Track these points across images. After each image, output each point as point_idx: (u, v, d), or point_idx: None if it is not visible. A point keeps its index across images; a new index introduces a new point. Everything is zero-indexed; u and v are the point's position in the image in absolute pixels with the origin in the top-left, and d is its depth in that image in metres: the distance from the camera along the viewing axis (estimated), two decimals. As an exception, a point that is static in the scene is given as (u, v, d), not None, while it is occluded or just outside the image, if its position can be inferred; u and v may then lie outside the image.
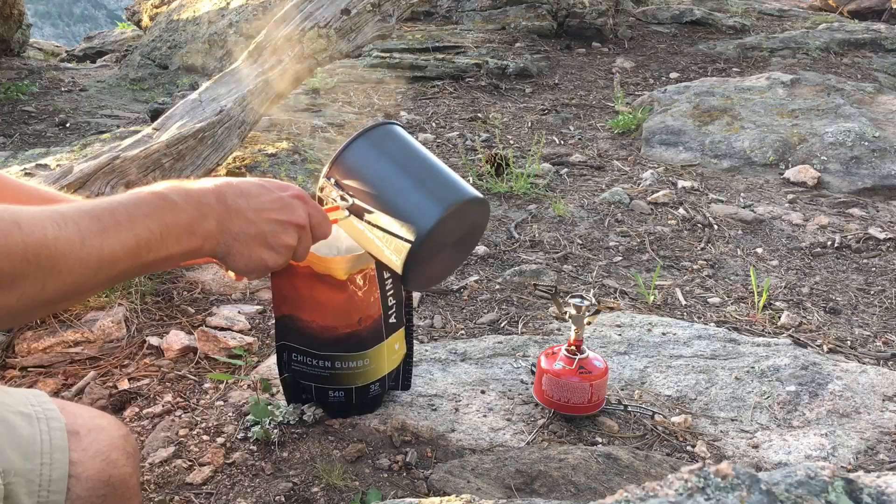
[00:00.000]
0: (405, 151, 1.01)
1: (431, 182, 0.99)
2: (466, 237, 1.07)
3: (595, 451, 1.39)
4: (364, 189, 0.98)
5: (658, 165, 3.35)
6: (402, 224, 0.96)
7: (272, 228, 0.82)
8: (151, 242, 0.69)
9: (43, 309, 0.62)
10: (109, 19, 77.00)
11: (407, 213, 0.96)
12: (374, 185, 0.98)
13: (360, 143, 1.00)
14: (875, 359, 1.91)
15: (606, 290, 2.23)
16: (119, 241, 0.65)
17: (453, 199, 0.97)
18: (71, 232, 0.61)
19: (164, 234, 0.70)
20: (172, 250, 0.72)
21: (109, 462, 0.82)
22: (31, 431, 0.76)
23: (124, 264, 0.66)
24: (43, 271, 0.58)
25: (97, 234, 0.63)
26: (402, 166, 0.99)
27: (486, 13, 5.91)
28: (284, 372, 1.44)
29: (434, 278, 1.11)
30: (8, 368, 1.71)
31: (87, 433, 0.82)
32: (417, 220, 0.95)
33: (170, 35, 6.24)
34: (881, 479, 0.59)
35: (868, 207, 2.94)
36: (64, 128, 4.46)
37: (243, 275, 0.84)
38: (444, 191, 0.98)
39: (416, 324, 1.98)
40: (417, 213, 0.96)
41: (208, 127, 2.37)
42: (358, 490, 1.29)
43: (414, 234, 0.95)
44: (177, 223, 0.71)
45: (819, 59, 4.98)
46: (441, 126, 3.85)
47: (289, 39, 2.72)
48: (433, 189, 0.98)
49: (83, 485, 0.79)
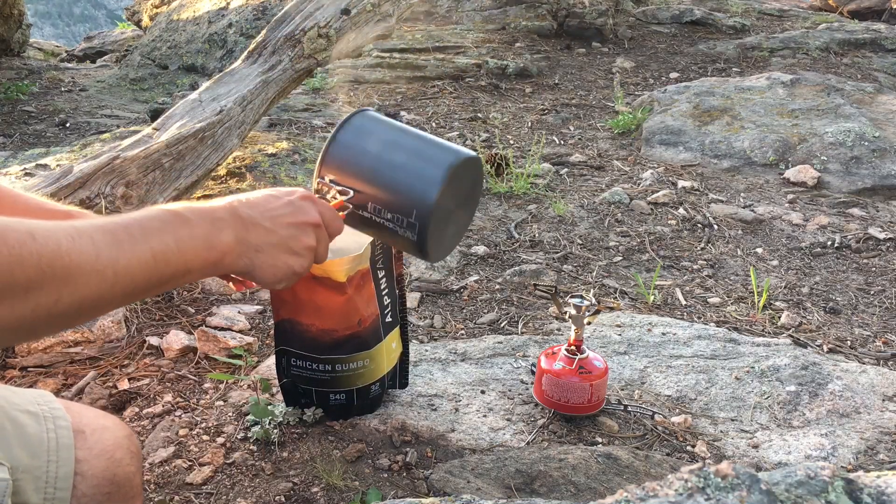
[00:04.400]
0: (388, 131, 1.01)
1: (424, 151, 0.98)
2: (469, 195, 1.06)
3: (595, 451, 1.39)
4: (360, 177, 0.97)
5: (658, 165, 3.35)
6: (408, 199, 0.95)
7: (291, 233, 0.82)
8: (168, 256, 0.68)
9: (59, 322, 0.61)
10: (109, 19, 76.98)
11: (409, 187, 0.95)
12: (369, 170, 0.97)
13: (343, 134, 1.00)
14: (875, 359, 1.91)
15: (606, 290, 2.23)
16: (134, 254, 0.65)
17: (450, 160, 0.97)
18: (85, 244, 0.61)
19: (180, 247, 0.70)
20: (191, 264, 0.71)
21: (114, 461, 0.83)
22: (38, 430, 0.77)
23: (141, 277, 0.66)
24: (58, 282, 0.58)
25: (112, 247, 0.63)
26: (390, 145, 0.98)
27: (486, 13, 5.91)
28: (283, 377, 1.44)
29: (451, 243, 1.09)
30: (8, 368, 1.71)
31: (93, 432, 0.83)
32: (421, 190, 0.94)
33: (170, 35, 6.24)
34: (881, 479, 0.59)
35: (868, 207, 2.94)
36: (64, 128, 4.46)
37: (273, 286, 0.85)
38: (439, 156, 0.97)
39: (417, 324, 1.98)
40: (420, 183, 0.95)
41: (208, 127, 2.37)
42: (358, 490, 1.29)
43: (423, 206, 0.94)
44: (192, 236, 0.71)
45: (819, 59, 4.98)
46: (441, 126, 3.85)
47: (289, 39, 2.72)
48: (429, 157, 0.97)
49: (88, 482, 0.80)
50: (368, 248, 1.35)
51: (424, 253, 0.99)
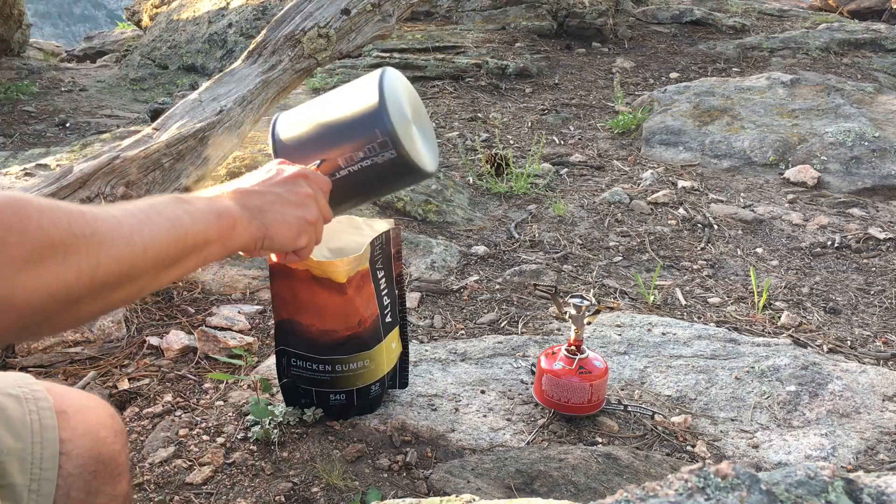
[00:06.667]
0: (313, 103, 1.03)
1: (349, 92, 1.00)
2: (413, 102, 1.04)
3: (595, 451, 1.39)
4: (314, 147, 0.98)
5: (658, 165, 3.35)
6: (362, 126, 0.95)
7: (284, 189, 0.84)
8: (185, 226, 0.69)
9: (104, 294, 0.60)
10: (109, 19, 76.94)
11: (356, 116, 0.96)
12: (317, 137, 0.98)
13: (280, 123, 1.02)
14: (875, 359, 1.91)
15: (606, 290, 2.23)
16: (154, 224, 0.65)
17: (374, 79, 0.97)
18: (104, 215, 0.61)
19: (193, 219, 0.70)
20: (209, 233, 0.72)
21: (98, 440, 0.84)
22: (21, 412, 0.78)
23: (168, 246, 0.66)
24: (92, 246, 0.58)
25: (131, 218, 0.64)
26: (319, 110, 1.00)
27: (486, 13, 5.91)
28: (283, 377, 1.44)
29: (431, 148, 1.07)
30: (8, 368, 1.71)
31: (76, 413, 0.83)
32: (365, 108, 0.95)
33: (170, 35, 6.24)
34: (881, 479, 0.59)
35: (868, 207, 2.94)
36: (64, 128, 4.46)
37: (297, 244, 0.85)
38: (363, 84, 0.99)
39: (417, 324, 1.98)
40: (360, 105, 0.96)
41: (208, 127, 2.37)
42: (358, 490, 1.29)
43: (376, 116, 0.94)
44: (197, 209, 0.72)
45: (819, 59, 4.98)
46: (441, 126, 3.85)
47: (289, 39, 2.72)
48: (356, 90, 0.99)
49: (74, 462, 0.80)
50: (368, 249, 1.35)
51: (412, 161, 0.96)
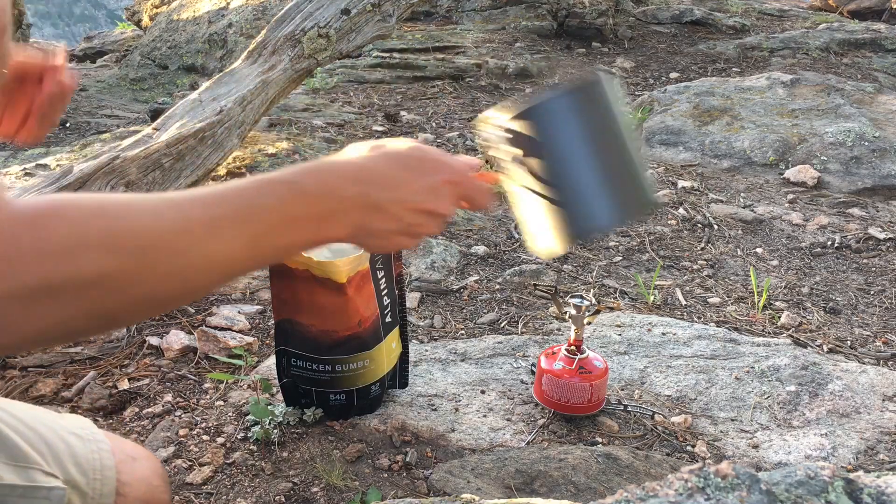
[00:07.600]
0: (605, 130, 0.82)
1: (619, 179, 0.82)
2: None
3: (595, 451, 1.39)
4: (543, 156, 0.80)
5: (658, 165, 3.35)
6: (572, 211, 0.79)
7: (417, 220, 0.73)
8: (271, 236, 0.63)
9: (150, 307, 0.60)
10: (109, 19, 76.90)
11: (581, 205, 0.80)
12: (558, 158, 0.80)
13: (566, 101, 0.80)
14: (875, 359, 1.91)
15: (606, 290, 2.23)
16: (234, 236, 0.60)
17: (631, 211, 0.88)
18: (171, 221, 0.57)
19: (288, 226, 0.64)
20: (291, 249, 0.67)
21: (152, 487, 0.89)
22: (85, 450, 0.83)
23: (241, 265, 0.63)
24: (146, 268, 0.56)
25: (205, 227, 0.59)
26: (596, 150, 0.81)
27: (486, 13, 5.91)
28: (283, 377, 1.44)
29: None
30: (8, 368, 1.71)
31: (133, 460, 0.89)
32: (589, 215, 0.80)
33: (170, 35, 6.24)
34: (881, 479, 0.59)
35: (868, 207, 2.94)
36: (64, 128, 4.46)
37: (368, 251, 0.82)
38: (626, 196, 0.82)
39: (417, 324, 1.98)
40: (593, 209, 0.80)
41: (208, 127, 2.37)
42: (358, 490, 1.29)
43: (580, 224, 0.80)
44: (308, 215, 0.65)
45: (819, 59, 4.98)
46: (441, 126, 3.85)
47: (289, 39, 2.72)
48: (618, 189, 0.81)
49: (129, 503, 0.86)
50: (368, 249, 1.35)
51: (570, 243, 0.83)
